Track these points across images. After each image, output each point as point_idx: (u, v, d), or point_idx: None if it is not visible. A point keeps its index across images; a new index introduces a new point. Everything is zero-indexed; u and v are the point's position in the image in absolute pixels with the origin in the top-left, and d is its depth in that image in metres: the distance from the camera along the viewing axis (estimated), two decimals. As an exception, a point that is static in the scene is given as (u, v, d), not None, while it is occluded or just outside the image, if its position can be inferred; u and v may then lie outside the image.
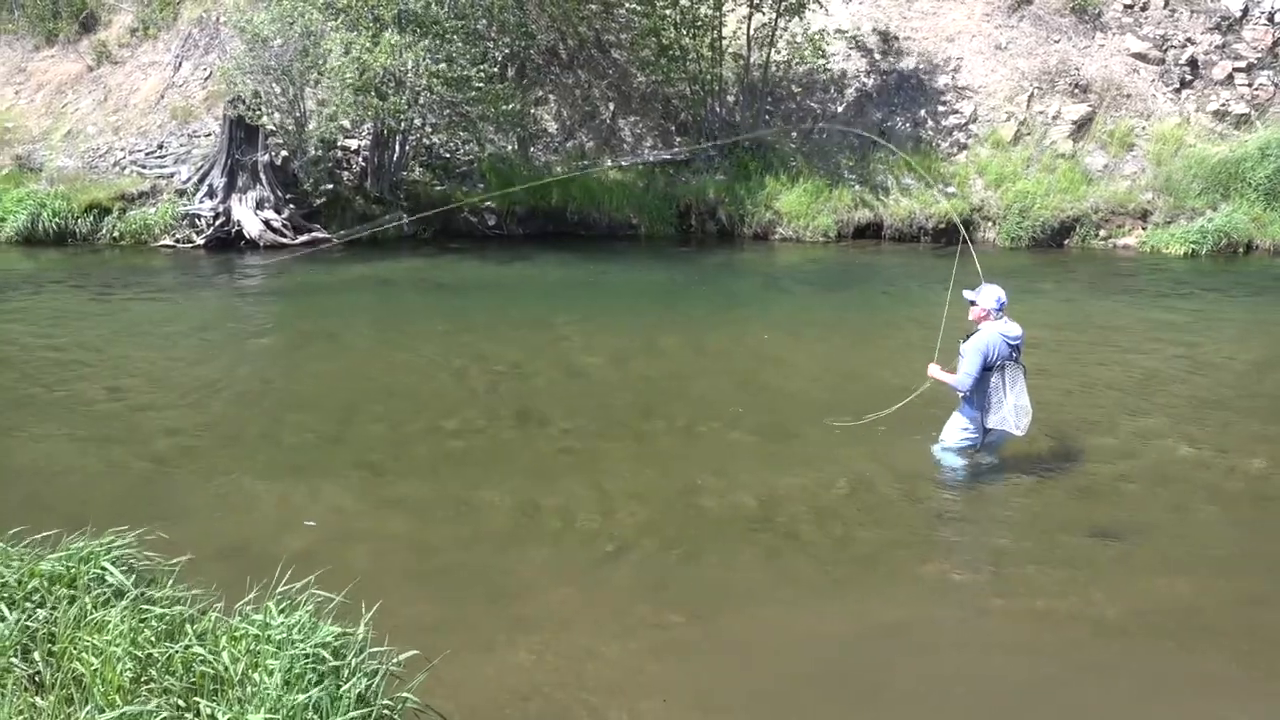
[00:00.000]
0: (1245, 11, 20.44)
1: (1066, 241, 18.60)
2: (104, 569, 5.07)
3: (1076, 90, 19.98)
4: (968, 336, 7.89)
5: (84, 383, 10.33)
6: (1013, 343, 7.76)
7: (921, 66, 20.68)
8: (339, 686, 4.46)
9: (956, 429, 8.07)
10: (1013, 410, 7.73)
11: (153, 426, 9.08)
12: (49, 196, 18.18)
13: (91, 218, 18.03)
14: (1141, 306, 14.29)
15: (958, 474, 8.08)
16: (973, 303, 7.90)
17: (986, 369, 7.70)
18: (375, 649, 4.79)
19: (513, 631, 5.87)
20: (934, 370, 8.00)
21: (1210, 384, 10.61)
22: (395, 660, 4.78)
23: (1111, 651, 5.87)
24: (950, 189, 19.06)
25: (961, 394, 7.89)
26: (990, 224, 18.88)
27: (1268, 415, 9.71)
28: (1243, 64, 20.09)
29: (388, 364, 11.31)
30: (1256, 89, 20.04)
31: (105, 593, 4.96)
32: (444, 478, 8.05)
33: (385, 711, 4.54)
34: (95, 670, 4.43)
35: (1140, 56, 20.26)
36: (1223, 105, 19.75)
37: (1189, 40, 20.33)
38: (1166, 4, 20.67)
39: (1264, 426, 9.41)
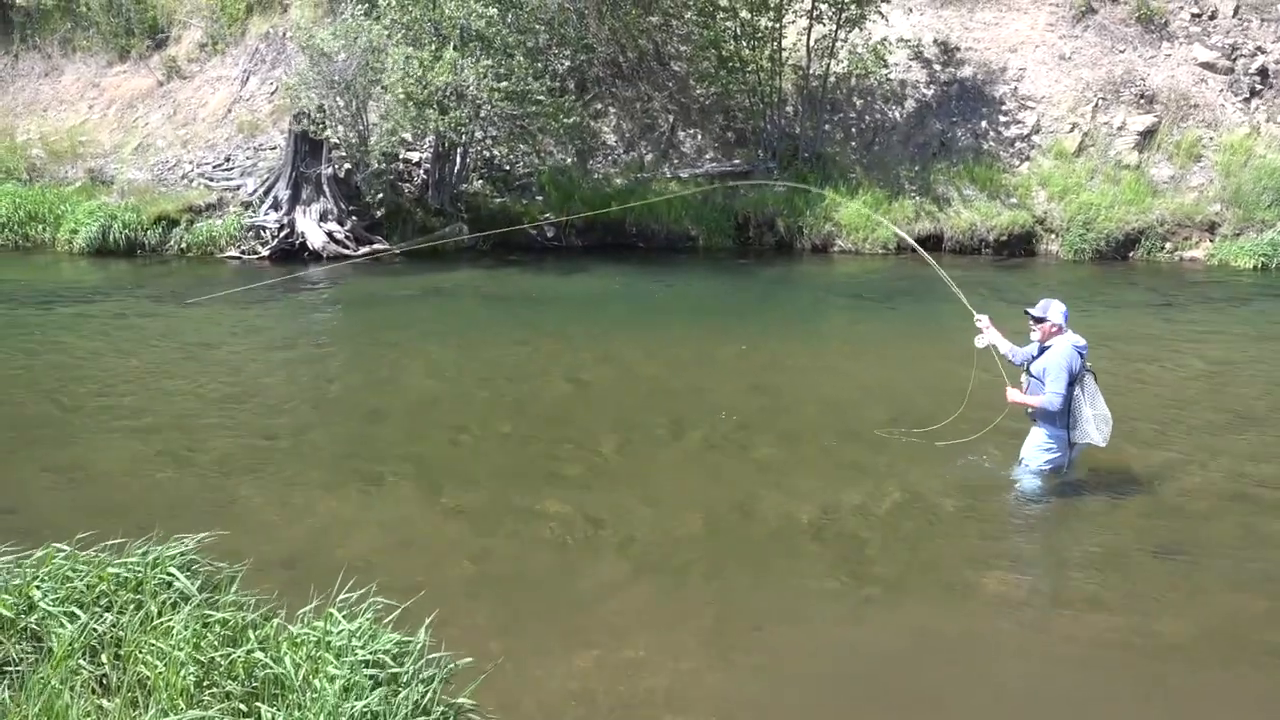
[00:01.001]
0: (1318, 19, 20.02)
1: (1131, 254, 18.28)
2: (170, 574, 5.18)
3: (1142, 101, 19.66)
4: (1039, 354, 7.75)
5: (149, 390, 10.55)
6: (1082, 352, 7.64)
7: (983, 77, 20.49)
8: (397, 693, 4.52)
9: (1039, 450, 7.85)
10: (1093, 421, 7.58)
11: (217, 434, 9.24)
12: (119, 208, 18.63)
13: (160, 229, 18.45)
14: (1208, 321, 14.01)
15: (1023, 490, 7.94)
16: (1040, 319, 7.74)
17: (1070, 383, 7.57)
18: (432, 655, 4.84)
19: (568, 641, 5.88)
20: (1015, 395, 7.82)
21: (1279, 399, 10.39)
22: (452, 667, 4.83)
23: (1177, 670, 5.76)
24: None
25: (1044, 413, 7.70)
26: (1053, 236, 18.64)
27: (1340, 432, 9.48)
28: (1315, 73, 19.66)
29: (445, 374, 11.42)
30: (1329, 98, 19.60)
31: (171, 597, 5.07)
32: (501, 487, 8.09)
33: (442, 718, 4.59)
34: (160, 673, 4.52)
35: (1208, 66, 19.88)
36: (1294, 115, 19.33)
37: (1259, 49, 19.92)
38: (1236, 13, 20.29)
39: (1336, 443, 9.18)
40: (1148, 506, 7.75)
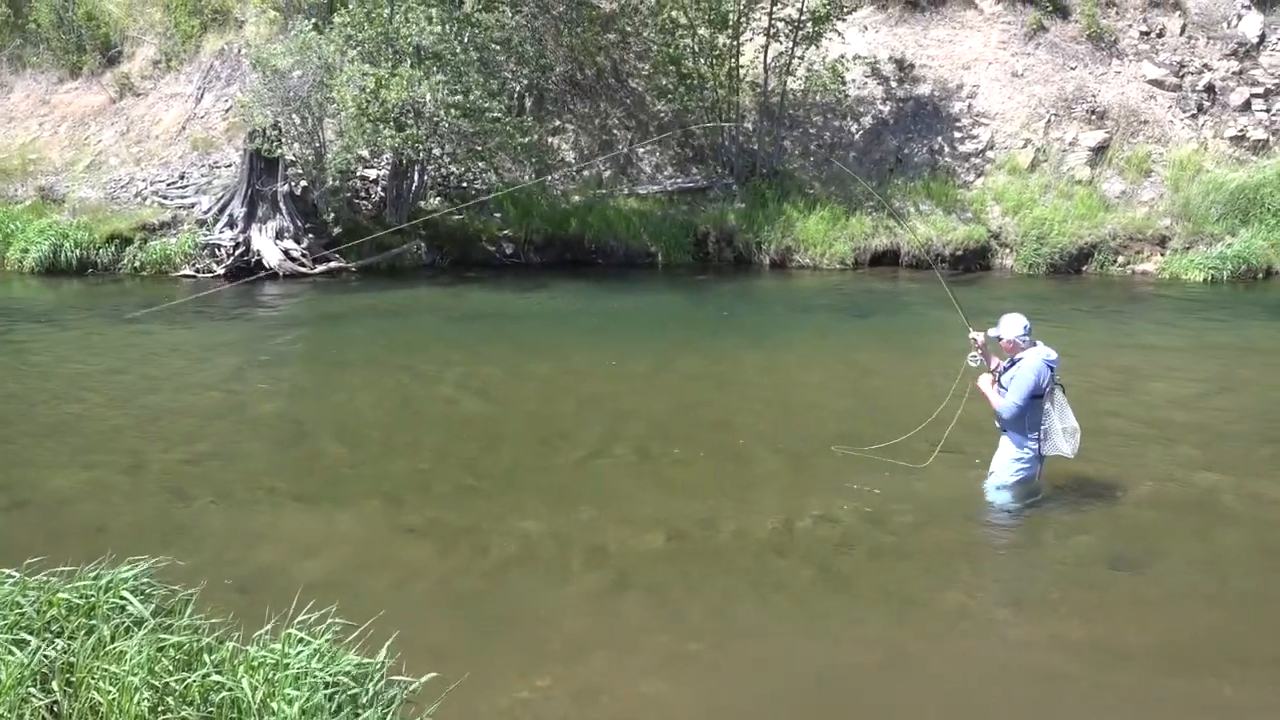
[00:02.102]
0: (1262, 38, 20.41)
1: (1084, 268, 18.52)
2: (123, 598, 5.08)
3: (1093, 117, 19.96)
4: (1007, 367, 7.78)
5: (103, 411, 10.39)
6: (1052, 365, 7.68)
7: (938, 94, 20.71)
8: (357, 714, 4.45)
9: (1010, 462, 7.87)
10: (1062, 433, 7.64)
11: (171, 455, 9.11)
12: (71, 227, 18.36)
13: (113, 248, 18.20)
14: (1160, 333, 14.20)
15: (991, 503, 7.97)
16: (998, 338, 7.79)
17: (1037, 396, 7.58)
18: (393, 677, 4.78)
19: (529, 660, 5.83)
20: (984, 383, 7.87)
21: (1231, 410, 10.51)
22: (412, 688, 4.77)
23: (1135, 681, 5.80)
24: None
25: (1014, 425, 7.75)
26: (1008, 251, 18.84)
27: (1291, 442, 9.62)
28: (1260, 90, 20.03)
29: (404, 393, 11.33)
30: (1275, 115, 19.97)
31: (124, 622, 4.97)
32: (461, 506, 8.04)
33: (402, 741, 4.53)
34: (113, 700, 4.43)
35: (1157, 83, 20.23)
36: (1240, 131, 19.69)
37: (1206, 66, 20.30)
38: (1183, 31, 20.67)
39: (1287, 453, 9.32)
40: (1103, 519, 7.81)
